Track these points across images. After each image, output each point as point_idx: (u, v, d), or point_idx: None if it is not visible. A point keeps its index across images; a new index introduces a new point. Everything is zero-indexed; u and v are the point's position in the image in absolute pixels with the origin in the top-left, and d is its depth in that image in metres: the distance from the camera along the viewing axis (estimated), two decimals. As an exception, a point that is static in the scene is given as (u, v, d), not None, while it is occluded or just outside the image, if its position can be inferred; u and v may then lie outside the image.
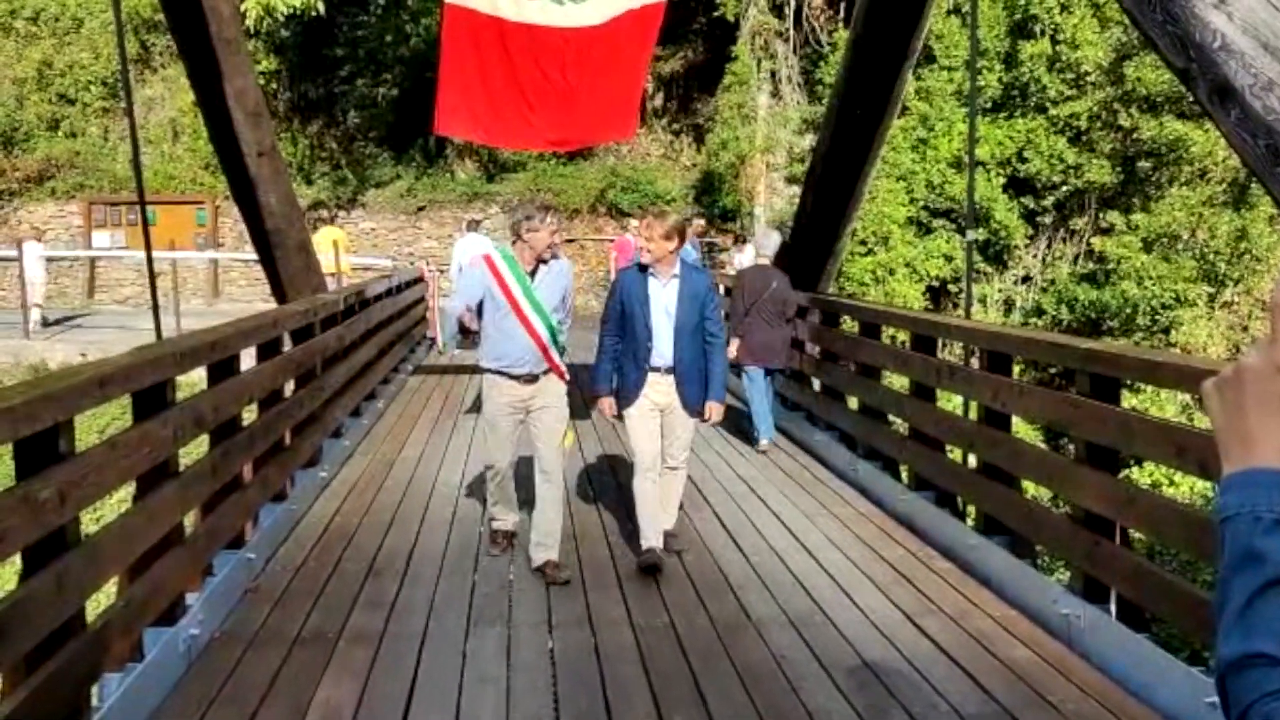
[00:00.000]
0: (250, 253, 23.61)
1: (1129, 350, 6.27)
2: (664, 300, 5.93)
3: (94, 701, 3.80)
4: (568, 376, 6.07)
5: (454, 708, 4.25)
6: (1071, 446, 5.47)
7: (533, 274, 5.81)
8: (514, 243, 5.87)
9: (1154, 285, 18.34)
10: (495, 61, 9.28)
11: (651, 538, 5.98)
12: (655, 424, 6.02)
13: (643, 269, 5.98)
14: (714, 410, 6.09)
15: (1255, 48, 4.14)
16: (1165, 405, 15.75)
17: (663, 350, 5.93)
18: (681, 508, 6.61)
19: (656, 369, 5.94)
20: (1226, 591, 0.99)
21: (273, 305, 12.76)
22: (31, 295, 20.58)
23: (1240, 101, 4.10)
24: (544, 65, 9.37)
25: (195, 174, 27.62)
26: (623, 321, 5.98)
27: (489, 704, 4.29)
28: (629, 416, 6.02)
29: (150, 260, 7.06)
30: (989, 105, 20.50)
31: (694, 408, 6.02)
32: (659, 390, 5.97)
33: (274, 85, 26.32)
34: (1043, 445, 10.25)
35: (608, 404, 6.09)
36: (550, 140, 10.89)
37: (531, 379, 5.87)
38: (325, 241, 15.98)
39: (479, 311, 5.92)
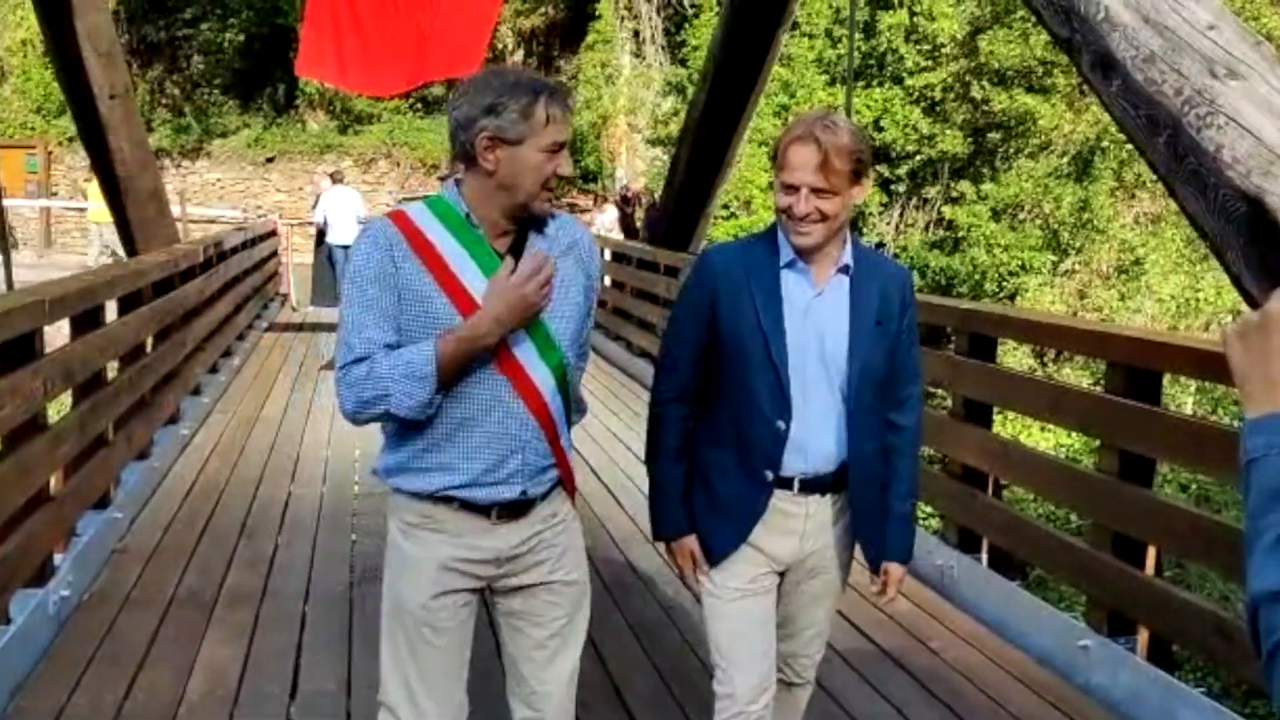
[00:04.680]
0: (85, 201, 22.62)
1: (1011, 310, 6.52)
2: (822, 323, 2.61)
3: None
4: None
5: (345, 666, 4.16)
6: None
7: (514, 250, 2.43)
8: (462, 179, 2.41)
9: (1002, 253, 19.12)
10: (365, 5, 9.15)
11: None
12: (768, 608, 2.75)
13: (768, 243, 2.66)
14: (894, 577, 2.82)
15: (1138, 20, 4.28)
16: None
17: (812, 438, 2.62)
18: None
19: (789, 483, 2.65)
20: (1256, 529, 1.05)
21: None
22: None
23: (1123, 73, 4.24)
24: (408, 5, 9.36)
25: (25, 118, 26.13)
26: (713, 369, 2.67)
27: (382, 661, 4.21)
28: (716, 592, 2.73)
29: (0, 207, 6.64)
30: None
31: (873, 562, 2.82)
32: (790, 531, 2.69)
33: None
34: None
35: (689, 552, 2.74)
36: (406, 81, 10.86)
37: (516, 510, 2.48)
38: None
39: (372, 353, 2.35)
